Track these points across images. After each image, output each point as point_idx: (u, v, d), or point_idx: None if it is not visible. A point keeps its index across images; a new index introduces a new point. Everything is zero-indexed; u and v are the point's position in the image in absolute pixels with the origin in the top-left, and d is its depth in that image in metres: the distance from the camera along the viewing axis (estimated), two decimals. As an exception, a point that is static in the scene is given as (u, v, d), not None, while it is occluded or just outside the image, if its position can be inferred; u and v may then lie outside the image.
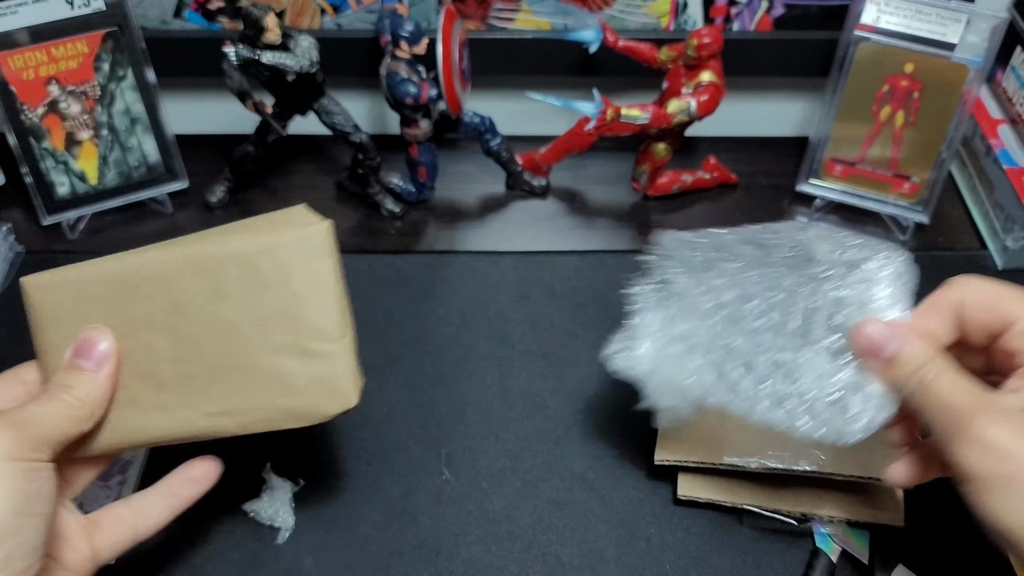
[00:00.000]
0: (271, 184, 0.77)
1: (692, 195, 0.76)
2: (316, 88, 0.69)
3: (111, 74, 0.68)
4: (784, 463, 0.51)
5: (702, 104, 0.67)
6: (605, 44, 0.70)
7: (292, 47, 0.65)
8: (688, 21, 0.75)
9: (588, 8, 0.74)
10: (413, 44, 0.66)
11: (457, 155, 0.79)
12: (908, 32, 0.67)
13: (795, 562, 0.51)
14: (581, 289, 0.67)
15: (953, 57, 0.66)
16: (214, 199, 0.74)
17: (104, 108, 0.69)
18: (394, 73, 0.66)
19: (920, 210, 0.71)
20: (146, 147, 0.71)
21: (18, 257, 0.69)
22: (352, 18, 0.75)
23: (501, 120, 0.74)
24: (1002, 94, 0.75)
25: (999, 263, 0.69)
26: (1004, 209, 0.70)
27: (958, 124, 0.68)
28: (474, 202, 0.76)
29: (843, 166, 0.73)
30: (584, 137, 0.70)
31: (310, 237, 0.44)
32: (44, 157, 0.68)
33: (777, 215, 0.74)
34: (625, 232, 0.73)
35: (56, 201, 0.70)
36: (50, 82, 0.66)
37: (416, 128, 0.69)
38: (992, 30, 0.64)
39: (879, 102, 0.70)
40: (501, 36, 0.76)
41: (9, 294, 0.67)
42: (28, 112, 0.66)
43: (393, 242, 0.72)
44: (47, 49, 0.65)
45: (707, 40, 0.66)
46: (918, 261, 0.70)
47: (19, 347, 0.63)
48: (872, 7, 0.67)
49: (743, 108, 0.81)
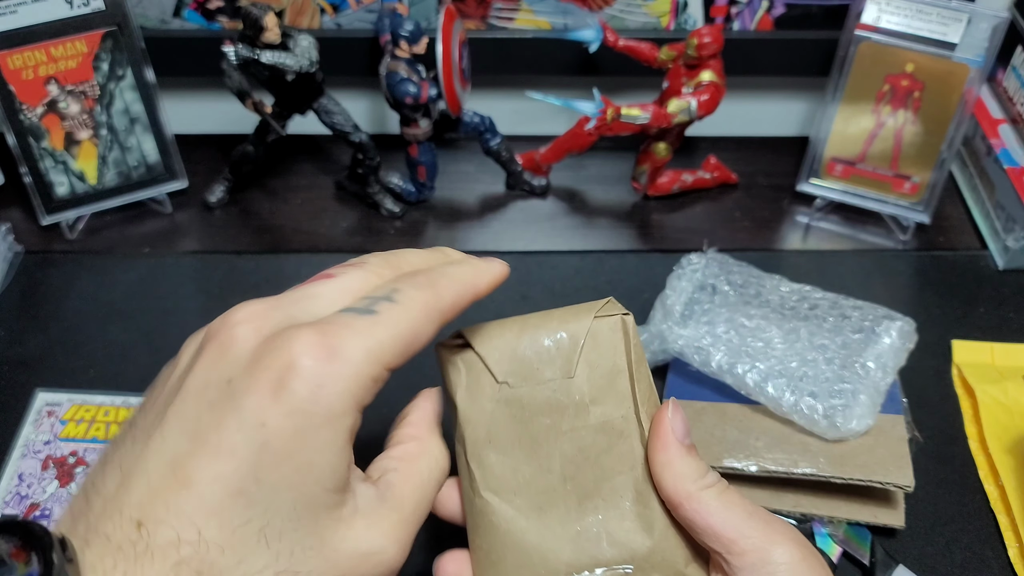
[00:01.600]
0: (271, 184, 0.77)
1: (692, 195, 0.76)
2: (316, 88, 0.69)
3: (110, 74, 0.68)
4: (784, 466, 0.51)
5: (702, 104, 0.67)
6: (605, 43, 0.70)
7: (291, 47, 0.65)
8: (688, 20, 0.75)
9: (588, 7, 0.74)
10: (413, 43, 0.66)
11: (457, 155, 0.79)
12: (909, 32, 0.67)
13: (795, 563, 0.51)
14: (581, 289, 0.67)
15: (954, 57, 0.66)
16: (213, 199, 0.73)
17: (103, 108, 0.69)
18: (394, 72, 0.66)
19: (921, 210, 0.71)
20: (145, 147, 0.71)
21: (17, 257, 0.69)
22: (352, 17, 0.75)
23: (501, 120, 0.74)
24: (1003, 94, 0.75)
25: (1000, 263, 0.69)
26: (1005, 209, 0.70)
27: (959, 124, 0.68)
28: (474, 202, 0.76)
29: (844, 166, 0.73)
30: (584, 137, 0.70)
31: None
32: (43, 157, 0.68)
33: (777, 215, 0.74)
34: (625, 232, 0.73)
35: (55, 201, 0.70)
36: (49, 82, 0.66)
37: (416, 128, 0.69)
38: (993, 29, 0.64)
39: (880, 102, 0.69)
40: (501, 36, 0.75)
41: (8, 294, 0.67)
42: (27, 112, 0.66)
43: (393, 242, 0.72)
44: (46, 49, 0.65)
45: (707, 40, 0.66)
46: (919, 261, 0.70)
47: (19, 347, 0.63)
48: (873, 7, 0.67)
49: (743, 108, 0.81)
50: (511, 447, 0.38)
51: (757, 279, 0.61)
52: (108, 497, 0.29)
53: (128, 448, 0.30)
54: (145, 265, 0.69)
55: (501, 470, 0.38)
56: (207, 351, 0.30)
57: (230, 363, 0.30)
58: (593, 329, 0.38)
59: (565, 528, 0.37)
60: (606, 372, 0.38)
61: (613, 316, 0.38)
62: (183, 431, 0.29)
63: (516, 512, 0.37)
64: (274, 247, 0.71)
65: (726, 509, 0.35)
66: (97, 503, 0.29)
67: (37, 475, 0.56)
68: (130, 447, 0.30)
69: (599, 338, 0.38)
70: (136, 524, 0.27)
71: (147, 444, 0.29)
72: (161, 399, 0.31)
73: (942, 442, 0.57)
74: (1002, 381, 0.59)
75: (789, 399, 0.53)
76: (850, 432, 0.51)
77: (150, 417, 0.31)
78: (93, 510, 0.29)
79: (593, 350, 0.38)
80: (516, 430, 0.38)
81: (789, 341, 0.56)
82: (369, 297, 0.32)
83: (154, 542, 0.27)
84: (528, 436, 0.38)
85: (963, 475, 0.56)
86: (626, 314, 0.38)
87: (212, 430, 0.28)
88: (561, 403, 0.38)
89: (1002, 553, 0.52)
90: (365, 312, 0.31)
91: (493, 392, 0.38)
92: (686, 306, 0.59)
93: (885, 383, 0.54)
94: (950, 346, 0.63)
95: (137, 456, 0.29)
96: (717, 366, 0.55)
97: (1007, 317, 0.65)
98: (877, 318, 0.58)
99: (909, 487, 0.50)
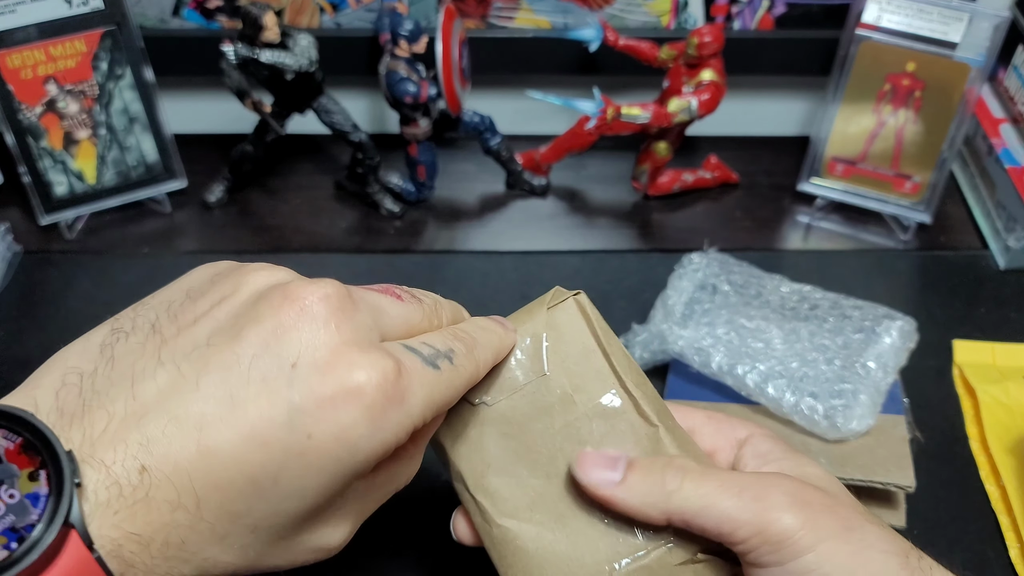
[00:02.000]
0: (270, 183, 0.76)
1: (693, 194, 0.76)
2: (315, 87, 0.68)
3: (109, 73, 0.68)
4: (785, 464, 0.51)
5: (703, 103, 0.66)
6: (605, 43, 0.70)
7: (291, 46, 0.64)
8: (689, 20, 0.75)
9: (588, 7, 0.74)
10: (412, 43, 0.66)
11: (457, 154, 0.79)
12: (910, 31, 0.66)
13: (796, 563, 0.51)
14: (581, 289, 0.67)
15: (955, 56, 0.66)
16: (213, 199, 0.73)
17: (102, 107, 0.68)
18: (393, 72, 0.66)
19: (922, 210, 0.71)
20: (144, 146, 0.71)
21: (16, 257, 0.69)
22: (351, 17, 0.75)
23: (501, 119, 0.73)
24: (1004, 93, 0.75)
25: (1001, 263, 0.69)
26: (1006, 209, 0.69)
27: (960, 123, 0.68)
28: (474, 202, 0.76)
29: (844, 165, 0.73)
30: (584, 136, 0.70)
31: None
32: (42, 156, 0.68)
33: (778, 215, 0.74)
34: (625, 232, 0.73)
35: (54, 200, 0.70)
36: (48, 81, 0.66)
37: (415, 127, 0.69)
38: (994, 29, 0.64)
39: (880, 101, 0.69)
40: (501, 35, 0.75)
41: (7, 294, 0.66)
42: (26, 111, 0.66)
43: (392, 242, 0.71)
44: (45, 48, 0.65)
45: (708, 39, 0.66)
46: (920, 261, 0.70)
47: (18, 347, 0.63)
48: (874, 6, 0.67)
49: (744, 107, 0.81)
50: (512, 465, 0.37)
51: (758, 279, 0.61)
52: (115, 417, 0.26)
53: (143, 359, 0.28)
54: (144, 265, 0.69)
55: (509, 492, 0.36)
56: (277, 307, 0.28)
57: (303, 343, 0.27)
58: (550, 321, 0.37)
59: (593, 526, 0.36)
60: (578, 356, 0.37)
61: (565, 301, 0.38)
62: (223, 391, 0.27)
63: (540, 528, 0.36)
64: (274, 247, 0.71)
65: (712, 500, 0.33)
66: (99, 417, 0.26)
67: (36, 475, 0.56)
68: (148, 360, 0.28)
69: (560, 327, 0.37)
70: (141, 468, 0.26)
71: (176, 378, 0.27)
72: (203, 324, 0.28)
73: (943, 442, 0.57)
74: (1003, 381, 0.59)
75: (789, 400, 0.53)
76: (850, 432, 0.51)
77: (184, 338, 0.28)
78: (94, 423, 0.26)
79: (558, 340, 0.37)
80: (511, 446, 0.37)
81: (789, 342, 0.56)
82: (431, 347, 0.31)
83: (153, 494, 0.26)
84: (525, 448, 0.37)
85: (964, 475, 0.55)
86: (577, 294, 0.37)
87: (255, 409, 0.27)
88: (546, 403, 0.37)
89: (1003, 553, 0.52)
90: (430, 364, 0.31)
91: (474, 417, 0.37)
92: (687, 305, 0.59)
93: (886, 383, 0.54)
94: (951, 346, 0.62)
95: (158, 385, 0.27)
96: (717, 367, 0.55)
97: (1008, 317, 0.65)
98: (877, 318, 0.57)
99: (910, 487, 0.49)
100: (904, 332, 0.57)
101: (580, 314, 0.38)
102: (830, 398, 0.52)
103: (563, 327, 0.38)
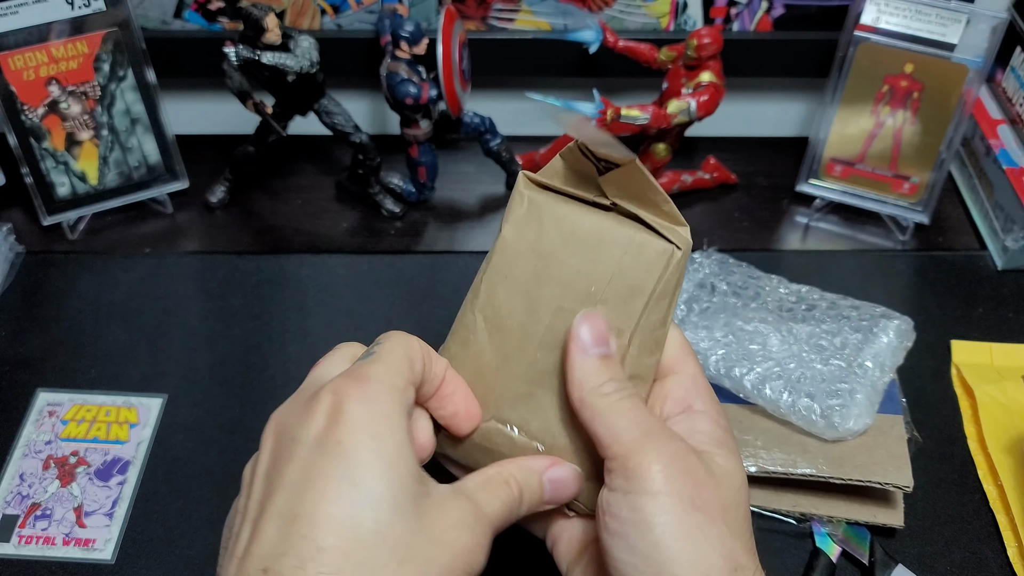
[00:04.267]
0: (271, 184, 0.77)
1: (692, 195, 0.76)
2: (316, 88, 0.69)
3: (111, 74, 0.68)
4: (783, 467, 0.51)
5: (702, 104, 0.67)
6: (605, 44, 0.70)
7: (292, 47, 0.65)
8: (688, 21, 0.75)
9: (588, 8, 0.75)
10: (413, 44, 0.66)
11: (457, 155, 0.79)
12: (908, 32, 0.67)
13: (795, 562, 0.51)
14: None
15: (953, 57, 0.66)
16: (214, 199, 0.74)
17: (104, 108, 0.69)
18: (394, 73, 0.66)
19: (920, 210, 0.71)
20: (146, 147, 0.71)
21: (18, 257, 0.69)
22: (352, 18, 0.75)
23: (501, 120, 0.74)
24: (1002, 94, 0.75)
25: (999, 264, 0.69)
26: (1004, 209, 0.70)
27: (958, 124, 0.68)
28: (474, 202, 0.76)
29: (843, 166, 0.73)
30: (584, 137, 0.70)
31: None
32: (44, 157, 0.68)
33: (777, 215, 0.74)
34: (625, 232, 0.73)
35: (56, 201, 0.70)
36: (50, 82, 0.66)
37: (416, 128, 0.69)
38: (992, 30, 0.65)
39: (879, 102, 0.70)
40: (501, 36, 0.76)
41: (9, 294, 0.67)
42: (28, 112, 0.66)
43: (393, 242, 0.72)
44: (47, 49, 0.65)
45: (707, 40, 0.66)
46: (918, 262, 0.70)
47: (20, 347, 0.63)
48: (872, 7, 0.67)
49: (743, 108, 0.81)
50: (517, 294, 0.39)
51: (756, 280, 0.62)
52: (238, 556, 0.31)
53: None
54: (146, 265, 0.69)
55: (499, 304, 0.39)
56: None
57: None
58: (642, 242, 0.38)
59: (515, 385, 0.39)
60: (628, 285, 0.38)
61: (668, 243, 0.38)
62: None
63: (488, 344, 0.39)
64: (275, 247, 0.71)
65: (614, 415, 0.34)
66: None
67: (38, 475, 0.56)
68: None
69: (644, 252, 0.38)
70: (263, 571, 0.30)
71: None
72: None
73: (941, 442, 0.57)
74: (1001, 381, 0.60)
75: (787, 400, 0.53)
76: (848, 432, 0.52)
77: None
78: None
79: (633, 258, 0.38)
80: (529, 285, 0.39)
81: (787, 343, 0.56)
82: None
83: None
84: (533, 296, 0.39)
85: (962, 475, 0.56)
86: (678, 248, 0.38)
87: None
88: (576, 284, 0.38)
89: (1001, 553, 0.52)
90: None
91: (534, 241, 0.39)
92: (686, 304, 0.60)
93: (883, 382, 0.54)
94: (949, 346, 0.63)
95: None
96: (715, 369, 0.55)
97: (1006, 317, 0.65)
98: (874, 317, 0.58)
99: (908, 487, 0.50)
100: (901, 331, 0.57)
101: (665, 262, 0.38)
102: (827, 398, 0.53)
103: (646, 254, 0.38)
